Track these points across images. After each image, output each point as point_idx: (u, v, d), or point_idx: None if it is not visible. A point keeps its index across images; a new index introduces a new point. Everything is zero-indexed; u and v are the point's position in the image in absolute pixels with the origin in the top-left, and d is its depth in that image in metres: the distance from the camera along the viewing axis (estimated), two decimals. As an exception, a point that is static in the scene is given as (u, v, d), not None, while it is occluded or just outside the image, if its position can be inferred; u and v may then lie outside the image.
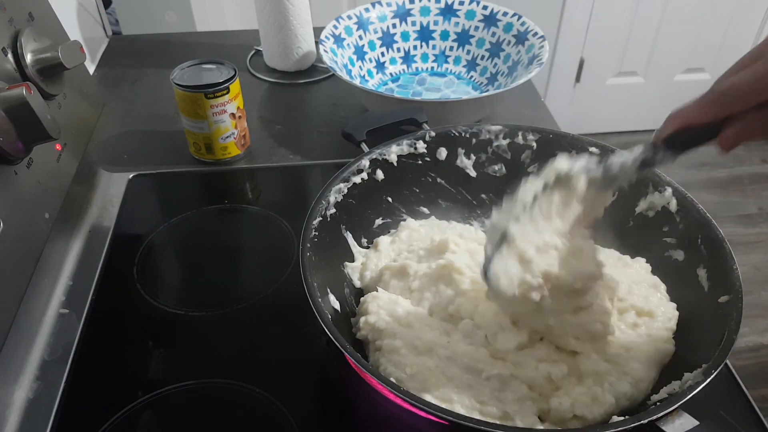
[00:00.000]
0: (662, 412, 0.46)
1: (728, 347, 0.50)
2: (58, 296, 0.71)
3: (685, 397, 0.47)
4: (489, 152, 0.75)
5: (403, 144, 0.72)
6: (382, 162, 0.72)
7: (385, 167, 0.72)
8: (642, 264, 0.68)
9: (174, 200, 0.87)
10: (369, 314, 0.61)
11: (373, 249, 0.71)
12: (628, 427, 0.46)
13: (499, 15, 1.05)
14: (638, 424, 0.46)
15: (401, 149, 0.73)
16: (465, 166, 0.76)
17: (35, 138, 0.58)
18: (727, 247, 0.59)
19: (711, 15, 2.19)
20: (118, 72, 1.13)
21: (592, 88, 2.37)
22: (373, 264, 0.69)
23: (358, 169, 0.70)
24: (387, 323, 0.60)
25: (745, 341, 1.77)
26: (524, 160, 0.74)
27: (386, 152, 0.72)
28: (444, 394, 0.54)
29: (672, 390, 0.53)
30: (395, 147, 0.72)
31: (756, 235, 2.11)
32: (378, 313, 0.61)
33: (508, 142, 0.74)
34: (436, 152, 0.74)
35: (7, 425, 0.59)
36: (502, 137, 0.74)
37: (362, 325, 0.61)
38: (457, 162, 0.75)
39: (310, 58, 1.13)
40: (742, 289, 0.55)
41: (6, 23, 0.63)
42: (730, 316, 0.53)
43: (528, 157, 0.74)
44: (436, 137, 0.74)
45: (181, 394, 0.62)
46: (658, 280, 0.66)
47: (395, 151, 0.72)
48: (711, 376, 0.48)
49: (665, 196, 0.67)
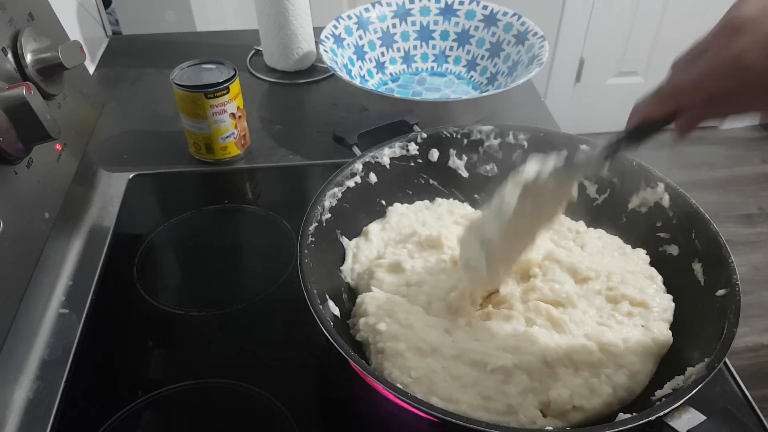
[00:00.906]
0: (669, 408, 0.47)
1: (729, 340, 0.51)
2: (58, 296, 0.71)
3: (690, 392, 0.47)
4: (480, 152, 0.76)
5: (395, 146, 0.73)
6: (375, 165, 0.72)
7: (378, 170, 0.72)
8: (641, 255, 0.68)
9: (174, 200, 0.87)
10: (368, 316, 0.61)
11: (363, 237, 0.71)
12: (636, 425, 0.46)
13: (499, 15, 1.05)
14: (646, 420, 0.46)
15: (393, 152, 0.73)
16: (457, 167, 0.76)
17: (35, 138, 0.58)
18: (721, 241, 0.59)
19: (711, 15, 2.18)
20: (118, 72, 1.13)
21: (592, 88, 2.37)
22: (364, 256, 0.69)
23: (352, 172, 0.70)
24: (388, 324, 0.60)
25: (745, 341, 1.77)
26: (515, 159, 0.75)
27: (379, 155, 0.72)
28: (450, 395, 0.54)
29: (676, 385, 0.53)
30: (387, 149, 0.72)
31: (756, 235, 2.11)
32: (377, 314, 0.61)
33: (499, 141, 0.75)
34: (428, 153, 0.75)
35: (7, 425, 0.59)
36: (494, 137, 0.75)
37: (362, 326, 0.61)
38: (449, 163, 0.76)
39: (310, 58, 1.13)
40: (740, 285, 0.55)
41: (6, 23, 0.63)
42: (729, 309, 0.53)
43: (519, 156, 0.74)
44: (428, 138, 0.74)
45: (181, 394, 0.62)
46: (654, 272, 0.66)
47: (388, 154, 0.72)
48: (714, 369, 0.48)
49: (657, 192, 0.67)
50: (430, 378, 0.55)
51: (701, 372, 0.49)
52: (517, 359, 0.57)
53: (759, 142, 2.47)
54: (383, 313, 0.61)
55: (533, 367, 0.57)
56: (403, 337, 0.59)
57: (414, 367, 0.56)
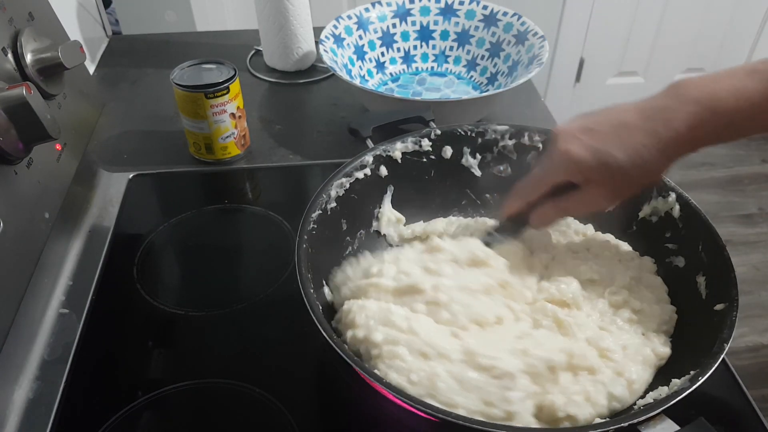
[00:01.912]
0: (643, 416, 0.46)
1: (718, 354, 0.50)
2: (58, 296, 0.71)
3: (667, 403, 0.47)
4: (495, 152, 0.75)
5: (408, 141, 0.72)
6: (386, 158, 0.71)
7: (389, 164, 0.72)
8: (647, 263, 0.67)
9: (174, 200, 0.87)
10: (357, 328, 0.58)
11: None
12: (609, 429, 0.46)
13: (499, 15, 1.05)
14: (617, 426, 0.46)
15: (406, 146, 0.72)
16: (470, 165, 0.75)
17: (35, 138, 0.58)
18: (726, 255, 0.58)
19: (711, 15, 2.19)
20: (118, 72, 1.13)
21: (592, 88, 2.37)
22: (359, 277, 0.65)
23: (362, 164, 0.69)
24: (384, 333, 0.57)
25: (745, 341, 1.77)
26: (530, 161, 0.73)
27: (391, 149, 0.71)
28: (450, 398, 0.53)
29: (658, 395, 0.52)
30: (400, 144, 0.72)
31: (756, 235, 2.11)
32: (367, 325, 0.57)
33: (514, 142, 0.74)
34: (442, 150, 0.74)
35: (7, 425, 0.59)
36: (509, 137, 0.74)
37: (350, 340, 0.57)
38: (462, 161, 0.75)
39: (310, 58, 1.13)
40: (740, 287, 0.55)
41: (6, 23, 0.63)
42: (723, 324, 0.53)
43: (533, 158, 0.73)
44: (442, 135, 0.73)
45: (181, 394, 0.62)
46: (660, 282, 0.65)
47: (400, 148, 0.72)
48: (697, 383, 0.48)
49: (669, 202, 0.66)
50: (431, 381, 0.54)
51: (684, 384, 0.49)
52: (524, 364, 0.56)
53: (759, 142, 2.47)
54: (375, 322, 0.57)
55: (538, 371, 0.56)
56: (403, 342, 0.56)
57: (414, 370, 0.55)
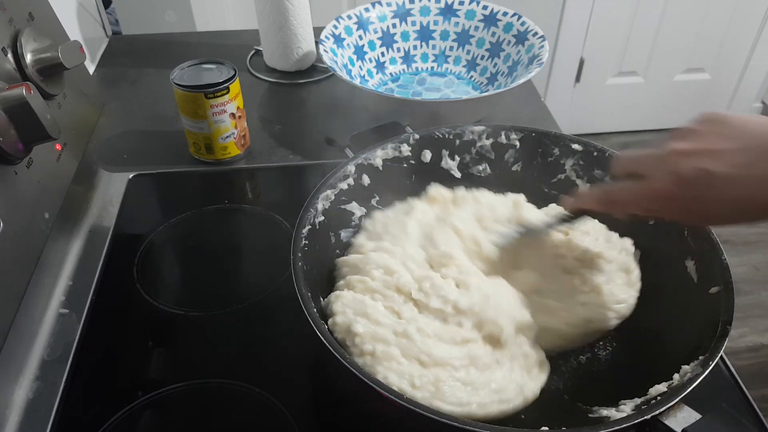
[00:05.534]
0: (664, 406, 0.46)
1: (724, 337, 0.51)
2: (58, 296, 0.71)
3: (686, 390, 0.47)
4: (473, 153, 0.75)
5: (387, 148, 0.72)
6: (368, 167, 0.71)
7: (371, 172, 0.72)
8: (626, 245, 0.67)
9: (174, 200, 0.87)
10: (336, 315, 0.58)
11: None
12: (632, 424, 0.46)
13: (499, 15, 1.05)
14: (641, 419, 0.46)
15: (386, 153, 0.72)
16: (450, 168, 0.76)
17: (35, 138, 0.58)
18: (713, 238, 0.59)
19: (711, 15, 2.19)
20: (118, 72, 1.13)
21: (592, 88, 2.37)
22: None
23: (344, 174, 0.69)
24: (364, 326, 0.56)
25: (745, 341, 1.77)
26: (508, 159, 0.75)
27: (371, 157, 0.71)
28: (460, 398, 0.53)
29: (671, 383, 0.53)
30: (380, 151, 0.72)
31: (756, 235, 2.11)
32: (345, 312, 0.58)
33: (491, 142, 0.75)
34: (421, 154, 0.74)
35: (7, 425, 0.59)
36: (485, 137, 0.74)
37: (330, 326, 0.58)
38: (441, 164, 0.75)
39: (310, 58, 1.13)
40: (739, 284, 0.55)
41: (6, 23, 0.63)
42: (722, 307, 0.53)
43: (512, 156, 0.74)
44: (420, 140, 0.74)
45: (181, 394, 0.62)
46: (632, 264, 0.65)
47: (380, 155, 0.72)
48: (709, 366, 0.48)
49: None
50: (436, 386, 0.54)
51: (696, 369, 0.49)
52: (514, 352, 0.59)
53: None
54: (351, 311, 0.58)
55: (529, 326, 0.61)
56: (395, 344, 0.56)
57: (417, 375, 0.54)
